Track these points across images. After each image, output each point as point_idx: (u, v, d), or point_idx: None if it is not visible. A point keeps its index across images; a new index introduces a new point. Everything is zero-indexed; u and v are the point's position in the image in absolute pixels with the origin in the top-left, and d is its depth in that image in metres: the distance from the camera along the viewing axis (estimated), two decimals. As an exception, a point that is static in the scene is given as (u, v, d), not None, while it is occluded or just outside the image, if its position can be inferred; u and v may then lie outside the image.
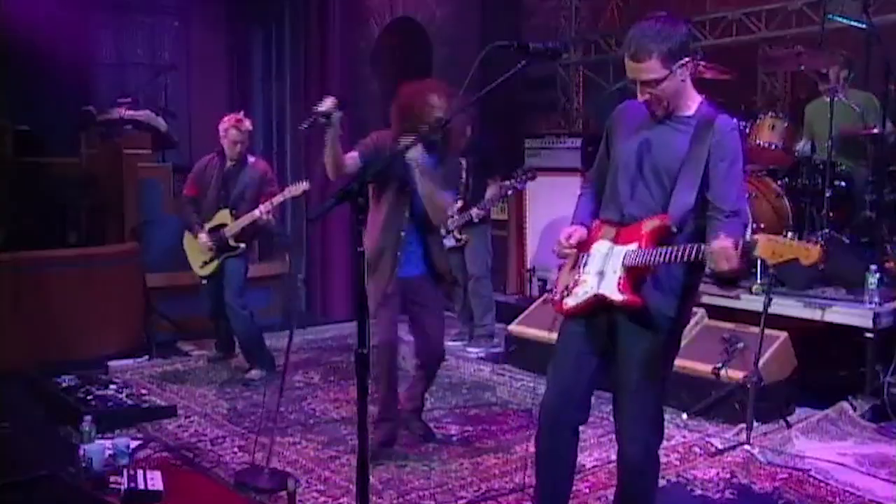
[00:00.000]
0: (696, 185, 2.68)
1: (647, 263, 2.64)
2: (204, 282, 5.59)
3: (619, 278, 2.70)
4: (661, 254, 2.60)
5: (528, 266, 7.01)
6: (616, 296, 2.70)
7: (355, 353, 2.30)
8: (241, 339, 5.53)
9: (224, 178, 5.44)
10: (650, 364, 2.76)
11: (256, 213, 5.29)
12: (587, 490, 3.73)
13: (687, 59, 2.66)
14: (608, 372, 2.89)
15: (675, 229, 2.67)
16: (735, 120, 2.82)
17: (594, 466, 3.98)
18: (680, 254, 2.56)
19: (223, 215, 5.41)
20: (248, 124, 5.45)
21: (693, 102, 2.75)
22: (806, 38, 6.46)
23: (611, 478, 3.83)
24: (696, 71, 5.69)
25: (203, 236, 5.41)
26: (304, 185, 5.17)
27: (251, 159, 5.54)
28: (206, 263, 5.49)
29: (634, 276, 2.69)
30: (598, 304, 2.77)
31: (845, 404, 4.62)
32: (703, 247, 2.53)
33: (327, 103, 3.81)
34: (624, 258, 2.70)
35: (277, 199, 5.29)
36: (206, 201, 5.49)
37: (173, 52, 7.67)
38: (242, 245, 5.41)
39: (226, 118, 5.43)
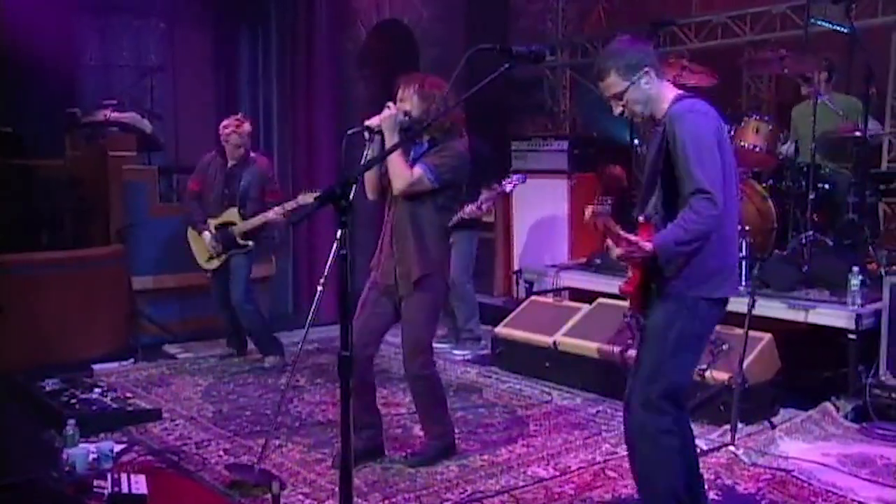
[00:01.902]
0: (657, 178, 2.96)
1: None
2: (209, 275, 5.75)
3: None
4: None
5: (515, 268, 7.01)
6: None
7: (338, 356, 2.30)
8: (252, 333, 5.77)
9: (227, 176, 5.61)
10: (648, 339, 3.03)
11: (271, 214, 5.49)
12: (572, 491, 3.73)
13: (646, 68, 2.94)
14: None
15: (641, 220, 2.95)
16: (695, 102, 2.94)
17: (580, 468, 3.99)
18: None
19: (231, 213, 5.57)
20: (247, 127, 5.64)
21: (666, 102, 3.00)
22: (790, 41, 6.50)
23: (595, 479, 3.87)
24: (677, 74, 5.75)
25: (207, 235, 5.59)
26: (312, 195, 5.35)
27: (253, 156, 5.71)
28: (212, 258, 5.65)
29: (632, 269, 3.00)
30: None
31: (829, 405, 4.64)
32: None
33: (374, 120, 3.68)
34: None
35: (290, 205, 5.44)
36: (212, 198, 5.66)
37: (159, 53, 7.65)
38: (250, 243, 5.59)
39: (226, 122, 5.59)
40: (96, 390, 4.84)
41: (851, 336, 4.59)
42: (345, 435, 2.30)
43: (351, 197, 2.25)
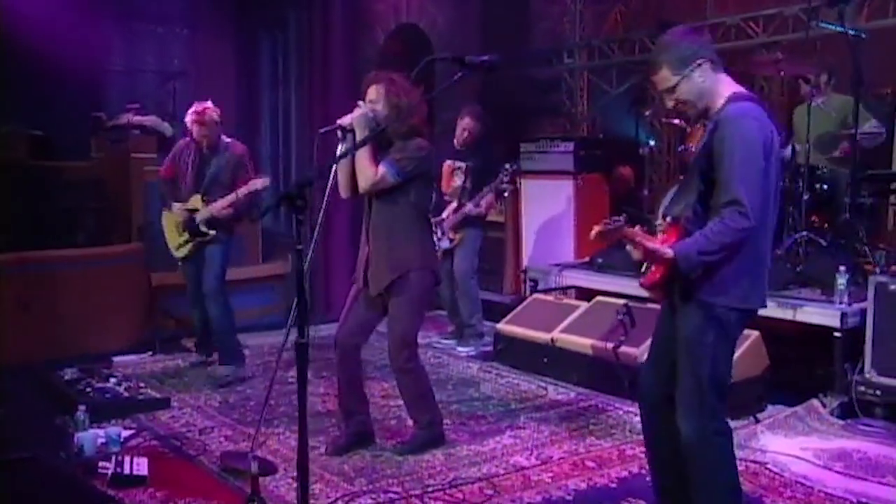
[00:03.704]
0: (697, 179, 2.89)
1: None
2: (180, 263, 5.63)
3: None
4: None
5: (524, 267, 7.16)
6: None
7: (295, 343, 2.48)
8: (215, 327, 5.53)
9: (200, 162, 5.48)
10: (683, 347, 2.95)
11: (219, 204, 5.36)
12: (549, 480, 3.87)
13: (700, 60, 2.86)
14: None
15: (668, 221, 2.95)
16: (751, 106, 2.84)
17: (560, 458, 4.13)
18: None
19: (195, 200, 5.43)
20: (210, 115, 5.38)
21: (721, 98, 2.90)
22: (803, 43, 6.56)
23: (574, 469, 4.00)
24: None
25: (177, 206, 5.48)
26: (264, 181, 5.37)
27: (226, 142, 5.49)
28: (181, 245, 5.54)
29: (654, 267, 2.95)
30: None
31: (815, 402, 4.73)
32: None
33: (346, 119, 3.85)
34: None
35: (242, 191, 5.33)
36: (185, 186, 5.51)
37: (182, 59, 7.96)
38: (212, 231, 5.41)
39: (189, 111, 5.44)
40: (112, 380, 5.11)
41: (837, 334, 4.66)
42: (302, 417, 2.48)
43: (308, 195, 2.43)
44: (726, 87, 2.93)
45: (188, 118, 5.43)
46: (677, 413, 2.99)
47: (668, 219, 2.96)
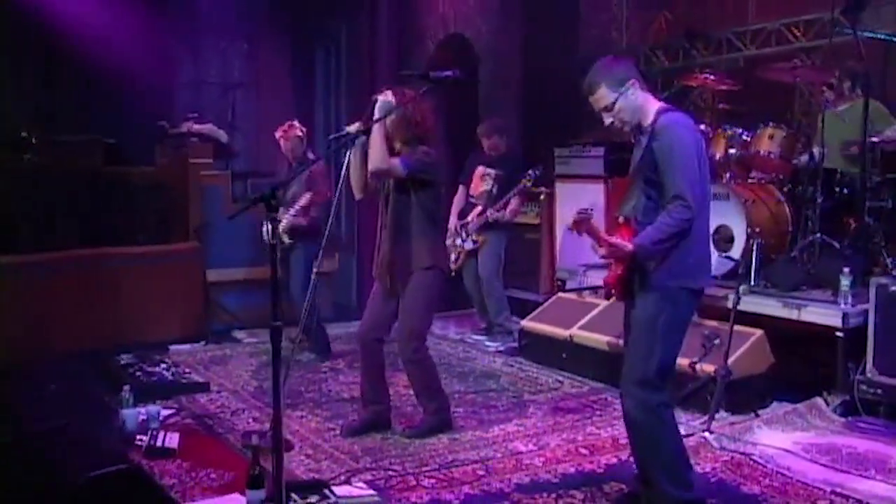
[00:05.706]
0: (641, 184, 3.27)
1: None
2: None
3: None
4: None
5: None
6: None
7: (270, 327, 2.82)
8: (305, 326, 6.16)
9: (288, 177, 6.14)
10: (638, 328, 3.34)
11: (287, 216, 5.96)
12: (540, 463, 4.13)
13: (632, 80, 3.26)
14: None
15: (621, 221, 3.32)
16: (679, 115, 3.27)
17: (557, 445, 4.39)
18: None
19: (280, 212, 6.01)
20: (294, 132, 6.10)
21: (651, 113, 3.30)
22: (841, 47, 6.60)
23: (567, 455, 4.25)
24: (702, 83, 6.02)
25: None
26: (306, 197, 5.94)
27: (310, 158, 6.19)
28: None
29: (616, 263, 3.35)
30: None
31: (819, 399, 4.84)
32: None
33: (353, 126, 4.22)
34: None
35: (302, 201, 5.94)
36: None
37: (242, 71, 8.50)
38: (286, 239, 6.00)
39: (279, 129, 6.14)
40: (162, 365, 5.63)
41: (839, 334, 4.77)
42: (276, 396, 2.81)
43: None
44: (653, 103, 3.32)
45: (277, 134, 6.12)
46: (621, 389, 3.32)
47: (621, 219, 3.27)
